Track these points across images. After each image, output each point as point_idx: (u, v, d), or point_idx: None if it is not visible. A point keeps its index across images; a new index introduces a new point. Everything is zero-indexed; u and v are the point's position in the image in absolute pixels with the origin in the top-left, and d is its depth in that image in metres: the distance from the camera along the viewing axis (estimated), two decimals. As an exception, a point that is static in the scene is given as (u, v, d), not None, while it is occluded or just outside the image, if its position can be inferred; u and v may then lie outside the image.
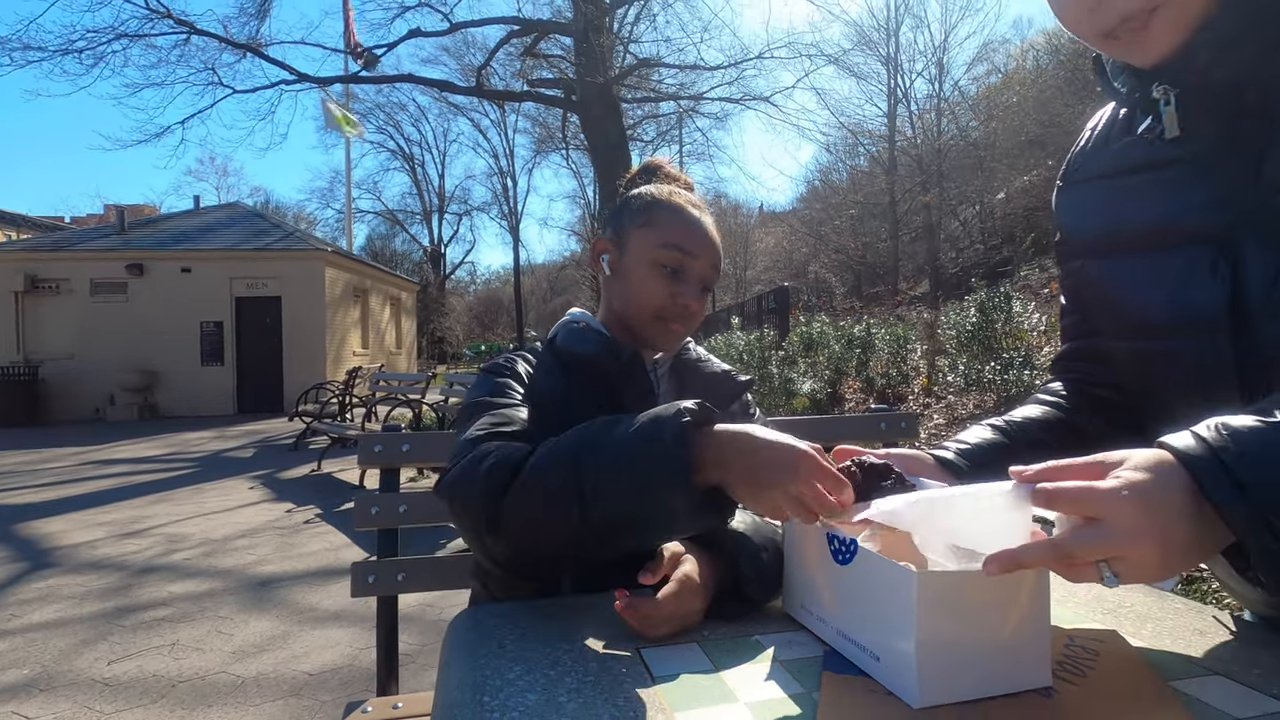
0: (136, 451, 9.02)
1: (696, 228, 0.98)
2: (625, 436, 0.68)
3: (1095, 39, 0.68)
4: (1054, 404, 0.87)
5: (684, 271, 0.96)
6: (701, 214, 1.00)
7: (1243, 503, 0.47)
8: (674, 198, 1.00)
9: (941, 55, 17.92)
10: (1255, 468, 0.47)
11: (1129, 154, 0.77)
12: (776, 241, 26.45)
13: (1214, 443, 0.49)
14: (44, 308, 13.82)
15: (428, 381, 7.96)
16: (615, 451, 0.68)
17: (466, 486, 0.74)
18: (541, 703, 0.56)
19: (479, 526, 0.74)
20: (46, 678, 2.62)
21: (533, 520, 0.71)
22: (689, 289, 0.97)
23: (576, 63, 12.73)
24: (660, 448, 0.66)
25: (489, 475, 0.73)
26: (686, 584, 0.70)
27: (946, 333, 6.25)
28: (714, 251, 0.99)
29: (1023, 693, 0.56)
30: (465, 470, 0.76)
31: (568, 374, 0.93)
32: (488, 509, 0.72)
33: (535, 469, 0.71)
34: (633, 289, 0.98)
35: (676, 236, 0.96)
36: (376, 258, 33.70)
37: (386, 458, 1.35)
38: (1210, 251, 0.68)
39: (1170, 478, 0.49)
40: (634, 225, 0.99)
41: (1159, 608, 0.75)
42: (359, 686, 2.50)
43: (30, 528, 4.97)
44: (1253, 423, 0.50)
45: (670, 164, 1.10)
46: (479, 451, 0.77)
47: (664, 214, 0.98)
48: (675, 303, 0.96)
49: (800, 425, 1.62)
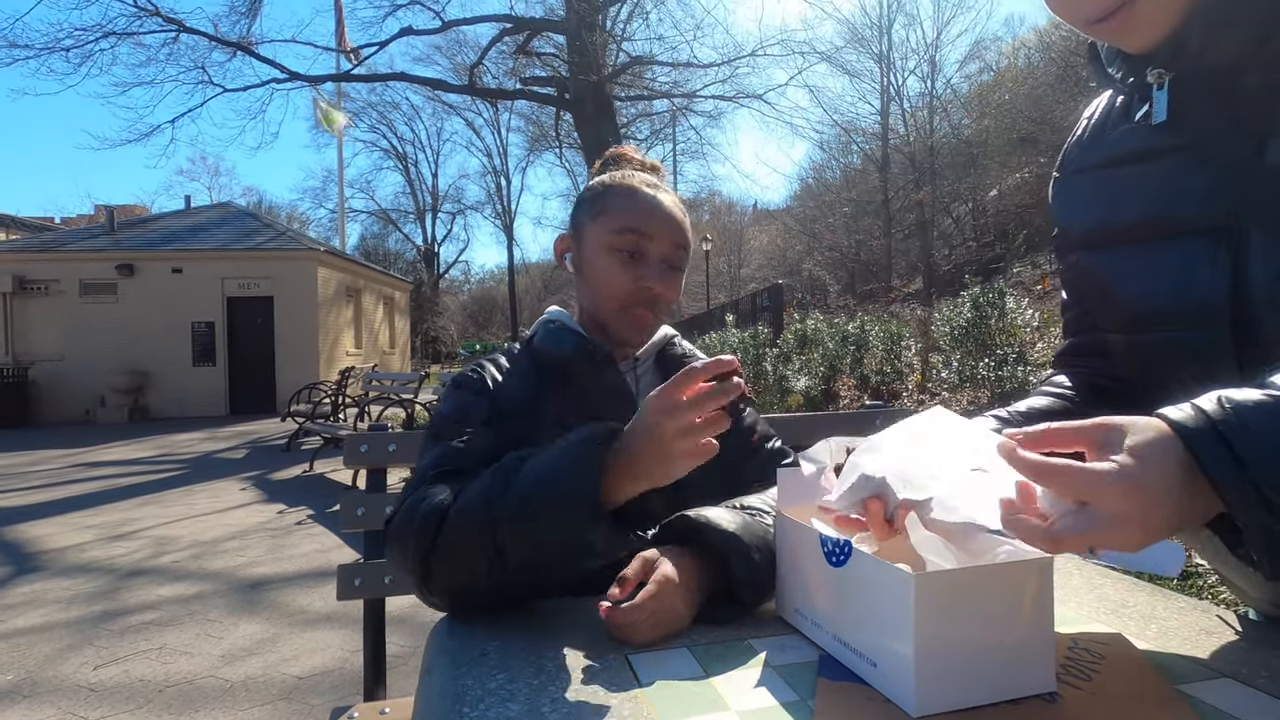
0: (126, 453, 8.95)
1: (651, 206, 0.93)
2: (531, 476, 0.69)
3: (1084, 24, 0.67)
4: (1058, 395, 0.85)
5: (643, 254, 0.92)
6: (658, 192, 0.95)
7: (1241, 478, 0.45)
8: (626, 180, 0.96)
9: (934, 53, 17.99)
10: (1256, 443, 0.46)
11: (1125, 143, 0.75)
12: (770, 239, 26.50)
13: (1215, 415, 0.47)
14: (33, 309, 13.70)
15: (421, 381, 7.92)
16: (523, 493, 0.68)
17: (402, 539, 0.74)
18: (524, 713, 0.54)
19: (415, 579, 0.75)
20: (31, 683, 2.58)
21: (457, 570, 0.71)
22: (651, 270, 0.92)
23: (569, 61, 12.69)
24: (565, 480, 0.66)
25: (420, 528, 0.72)
26: (665, 584, 0.68)
27: (940, 329, 6.25)
28: (675, 229, 0.94)
29: (1026, 698, 0.53)
30: (402, 522, 0.75)
31: (541, 376, 0.91)
32: (420, 564, 0.72)
33: (453, 522, 0.71)
34: (595, 281, 0.94)
35: (629, 219, 0.92)
36: (370, 257, 33.58)
37: (373, 458, 1.32)
38: (1210, 241, 0.67)
39: (1166, 452, 0.48)
40: (589, 217, 0.96)
41: (1163, 607, 0.73)
42: (350, 689, 2.47)
43: (17, 531, 4.91)
44: (1257, 396, 0.48)
45: (635, 151, 1.06)
46: (414, 499, 0.76)
47: (615, 199, 0.94)
48: (638, 286, 0.91)
49: (794, 423, 1.60)
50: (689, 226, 0.97)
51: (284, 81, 12.54)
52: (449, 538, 0.71)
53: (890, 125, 18.54)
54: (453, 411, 0.89)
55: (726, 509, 0.78)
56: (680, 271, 0.96)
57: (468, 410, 0.89)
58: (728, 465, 0.95)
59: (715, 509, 0.77)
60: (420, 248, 38.98)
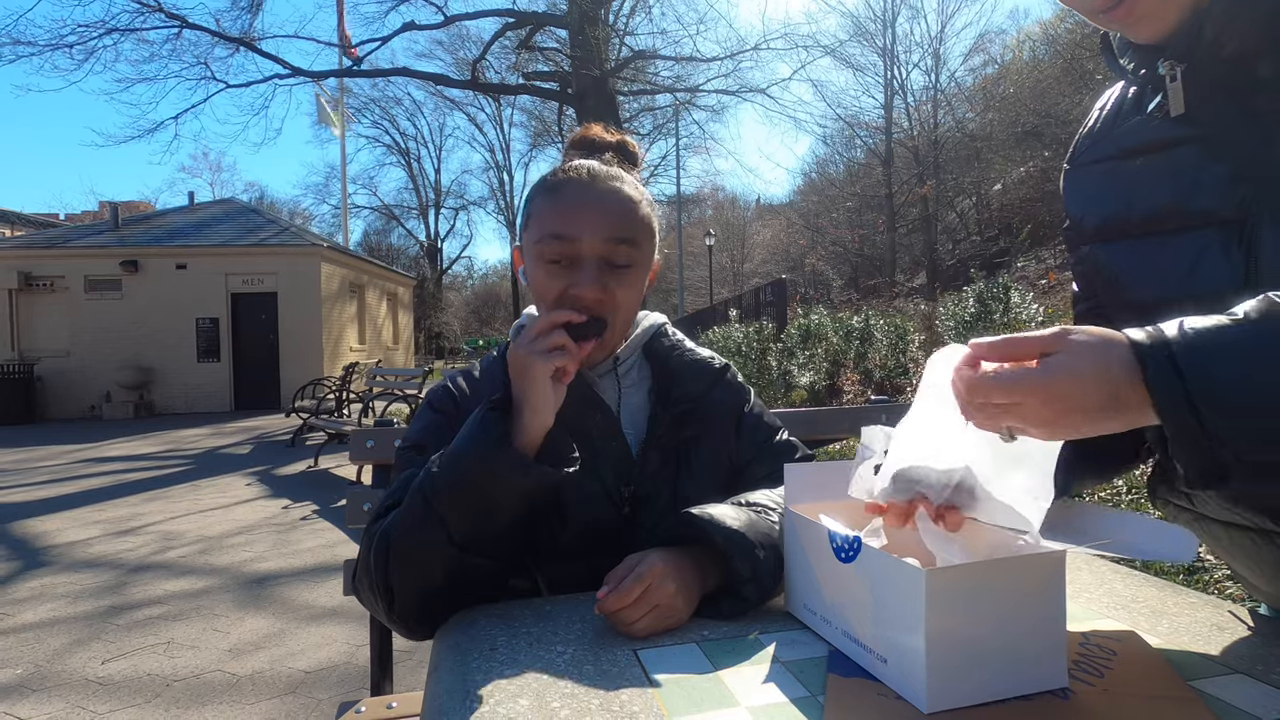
0: (132, 449, 8.98)
1: (574, 205, 0.84)
2: (451, 454, 0.74)
3: (1092, 14, 0.66)
4: None
5: (575, 260, 0.84)
6: (593, 182, 0.85)
7: (1178, 386, 0.48)
8: (555, 176, 0.88)
9: (938, 46, 17.89)
10: (1199, 358, 0.48)
11: (1137, 134, 0.74)
12: (774, 234, 26.44)
13: (1170, 334, 0.50)
14: (39, 305, 13.73)
15: (425, 377, 7.92)
16: (449, 467, 0.73)
17: (365, 575, 0.77)
18: (533, 708, 0.54)
19: (383, 610, 0.77)
20: (39, 678, 2.60)
21: (413, 575, 0.74)
22: (583, 276, 0.83)
23: (572, 55, 12.65)
24: (480, 438, 0.72)
25: (373, 556, 0.75)
26: (653, 571, 0.68)
27: (945, 323, 6.23)
28: (608, 224, 0.84)
29: (1038, 695, 0.53)
30: (362, 558, 0.78)
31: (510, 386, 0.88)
32: (383, 589, 0.74)
33: (396, 525, 0.74)
34: (534, 295, 0.88)
35: (550, 223, 0.84)
36: (373, 253, 33.61)
37: (377, 453, 1.32)
38: (1223, 233, 0.66)
39: (1110, 351, 0.50)
40: (524, 230, 0.89)
41: (1174, 603, 0.73)
42: (355, 683, 2.48)
43: (24, 526, 4.94)
44: (1216, 320, 0.50)
45: (602, 128, 0.97)
46: (369, 534, 0.78)
47: (539, 204, 0.87)
48: (567, 296, 0.83)
49: (799, 418, 1.60)
50: (640, 215, 0.87)
51: (286, 77, 12.51)
52: (398, 546, 0.73)
53: (894, 119, 18.46)
54: (417, 435, 0.89)
55: (731, 506, 0.78)
56: (629, 269, 0.86)
57: (432, 434, 0.88)
58: (734, 458, 0.95)
59: (720, 506, 0.76)
60: (423, 243, 38.96)
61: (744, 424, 0.97)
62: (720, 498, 0.81)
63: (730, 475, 0.93)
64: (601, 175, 0.87)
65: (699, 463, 0.90)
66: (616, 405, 0.91)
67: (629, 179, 0.89)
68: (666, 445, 0.89)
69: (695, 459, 0.90)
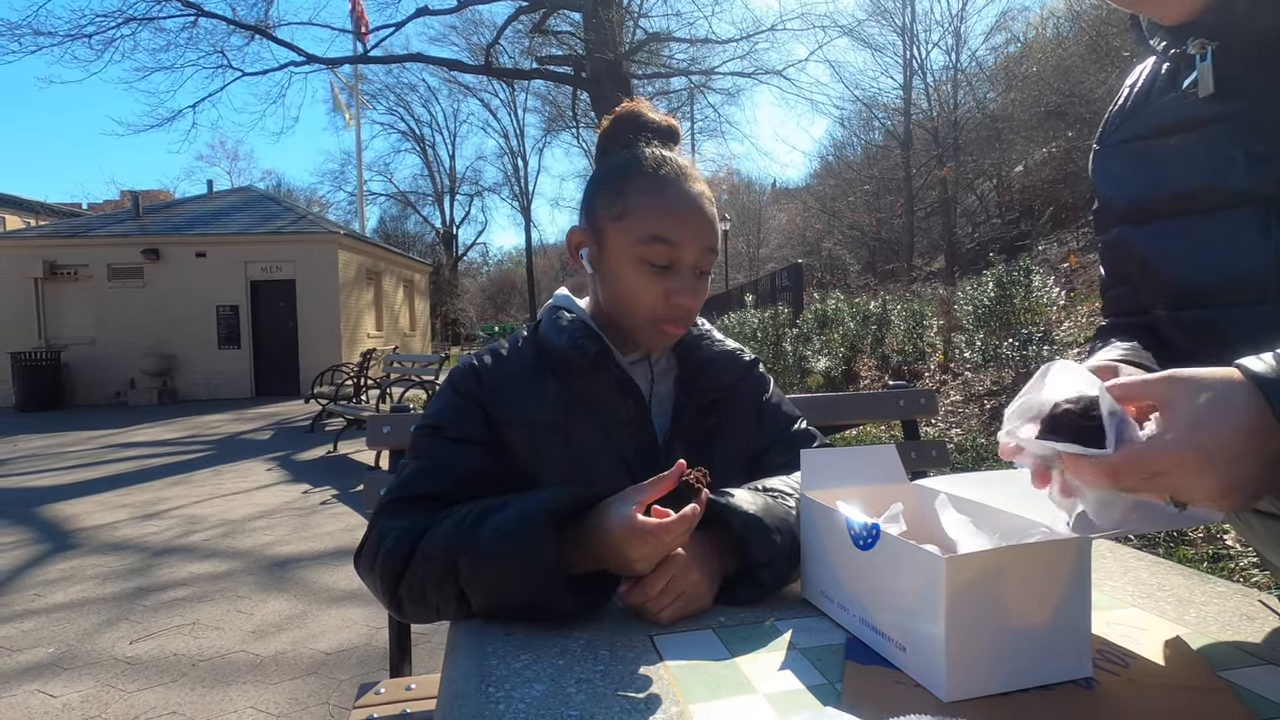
0: (156, 434, 9.14)
1: (681, 211, 0.82)
2: (494, 537, 0.68)
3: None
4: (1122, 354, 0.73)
5: (675, 265, 0.82)
6: (688, 184, 0.84)
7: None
8: (650, 172, 0.84)
9: (959, 24, 17.44)
10: None
11: (1169, 113, 0.72)
12: (790, 218, 26.17)
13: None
14: (64, 293, 13.96)
15: (441, 363, 7.97)
16: (485, 553, 0.68)
17: (370, 573, 0.77)
18: (549, 694, 0.54)
19: (387, 607, 0.78)
20: (70, 657, 2.67)
21: (424, 609, 0.74)
22: (682, 284, 0.82)
23: (586, 39, 12.52)
24: (528, 550, 0.66)
25: (385, 564, 0.74)
26: (675, 559, 0.68)
27: (963, 308, 6.15)
28: (707, 233, 0.84)
29: (1061, 684, 0.52)
30: (369, 555, 0.77)
31: (546, 367, 0.87)
32: (388, 595, 0.75)
33: (418, 568, 0.72)
34: (619, 291, 0.85)
35: (659, 227, 0.81)
36: (389, 240, 33.74)
37: (395, 439, 1.33)
38: (1260, 212, 0.64)
39: (1235, 404, 0.46)
40: (610, 218, 0.84)
41: (1200, 591, 0.71)
42: (375, 665, 2.52)
43: (53, 510, 5.05)
44: None
45: (650, 107, 0.91)
46: (381, 529, 0.77)
47: (640, 199, 0.82)
48: (669, 303, 0.83)
49: (816, 404, 1.58)
50: (716, 217, 0.87)
51: (301, 64, 12.54)
52: (415, 578, 0.72)
53: (913, 100, 18.12)
54: (438, 416, 0.86)
55: (749, 490, 0.77)
56: (708, 275, 0.87)
57: (453, 417, 0.85)
58: (754, 448, 0.94)
59: (738, 491, 0.76)
60: (439, 230, 39.04)
61: (764, 412, 0.96)
62: (741, 483, 0.81)
63: (750, 464, 0.93)
64: (690, 174, 0.86)
65: (721, 452, 0.89)
66: (648, 393, 0.90)
67: (700, 176, 0.88)
68: (691, 434, 0.89)
69: (718, 449, 0.89)
